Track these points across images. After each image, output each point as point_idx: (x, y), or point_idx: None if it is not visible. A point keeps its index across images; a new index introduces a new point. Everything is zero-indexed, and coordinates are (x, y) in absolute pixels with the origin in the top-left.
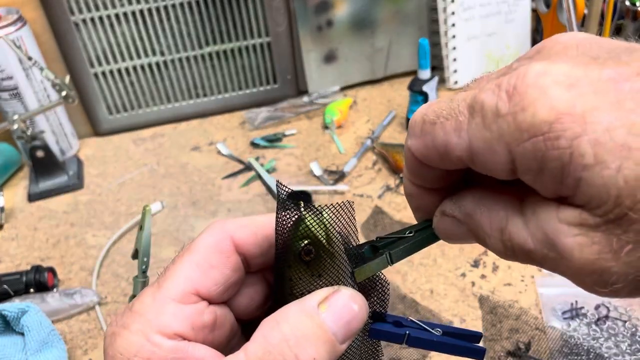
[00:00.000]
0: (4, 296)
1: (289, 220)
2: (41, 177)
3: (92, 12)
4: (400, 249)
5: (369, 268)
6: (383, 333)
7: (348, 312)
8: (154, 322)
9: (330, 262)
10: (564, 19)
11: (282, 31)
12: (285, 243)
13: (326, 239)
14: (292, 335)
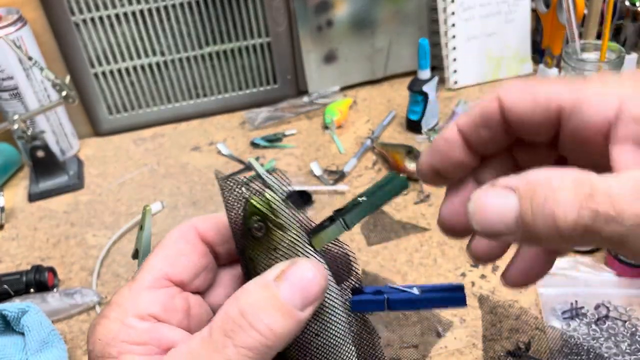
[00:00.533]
0: (4, 296)
1: (236, 204)
2: (41, 177)
3: (93, 12)
4: (353, 213)
5: (325, 235)
6: (363, 303)
7: (303, 279)
8: (130, 308)
9: (281, 234)
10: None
11: (282, 31)
12: (239, 227)
13: (272, 212)
14: (248, 306)
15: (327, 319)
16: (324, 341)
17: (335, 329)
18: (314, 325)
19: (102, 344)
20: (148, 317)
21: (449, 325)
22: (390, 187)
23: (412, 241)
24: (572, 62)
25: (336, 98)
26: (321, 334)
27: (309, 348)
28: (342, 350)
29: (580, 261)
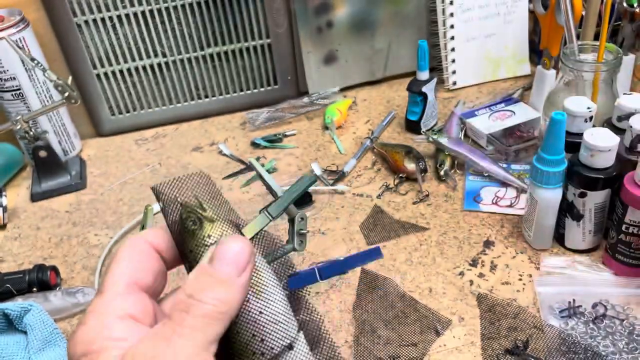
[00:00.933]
0: (7, 295)
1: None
2: (44, 177)
3: (95, 14)
4: (274, 204)
5: (253, 225)
6: (298, 279)
7: (230, 250)
8: (107, 312)
9: (212, 224)
10: (561, 20)
11: (283, 32)
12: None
13: (201, 208)
14: (193, 290)
15: (267, 297)
16: (268, 317)
17: (276, 306)
18: (256, 304)
19: (84, 343)
20: (126, 316)
21: (447, 324)
22: (301, 184)
23: (411, 240)
24: (570, 63)
25: (336, 99)
26: (264, 311)
27: (256, 325)
28: (287, 326)
29: (578, 260)
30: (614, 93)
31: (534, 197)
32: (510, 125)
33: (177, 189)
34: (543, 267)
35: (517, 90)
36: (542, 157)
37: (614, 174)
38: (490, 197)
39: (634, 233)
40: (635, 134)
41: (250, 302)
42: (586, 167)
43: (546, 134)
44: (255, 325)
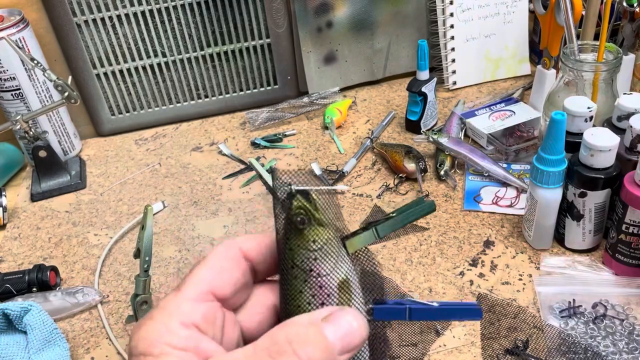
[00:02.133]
0: (7, 295)
1: (286, 200)
2: (43, 177)
3: (95, 14)
4: (386, 224)
5: (358, 239)
6: (386, 310)
7: (348, 326)
8: (175, 314)
9: (321, 230)
10: (561, 20)
11: (282, 32)
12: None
13: (315, 208)
14: (295, 336)
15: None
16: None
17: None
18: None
19: (146, 342)
20: (191, 325)
21: (447, 324)
22: (419, 209)
23: (411, 240)
24: (569, 63)
25: (336, 98)
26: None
27: None
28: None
29: (578, 260)
30: (614, 93)
31: (534, 197)
32: (510, 125)
33: (296, 180)
34: (543, 267)
35: (517, 90)
36: (542, 157)
37: (614, 173)
38: (490, 197)
39: (634, 233)
40: (635, 134)
41: None
42: (586, 167)
43: (546, 134)
44: None
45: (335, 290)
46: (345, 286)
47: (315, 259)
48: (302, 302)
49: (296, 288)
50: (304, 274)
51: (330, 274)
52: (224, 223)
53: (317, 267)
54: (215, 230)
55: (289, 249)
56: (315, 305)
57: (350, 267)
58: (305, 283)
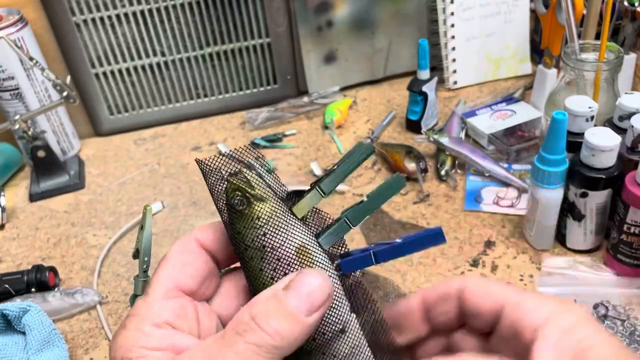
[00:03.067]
0: (6, 295)
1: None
2: (42, 177)
3: (93, 13)
4: (328, 178)
5: (305, 202)
6: (352, 262)
7: (307, 286)
8: (146, 317)
9: (262, 205)
10: (562, 19)
11: (282, 32)
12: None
13: (249, 186)
14: (258, 312)
15: None
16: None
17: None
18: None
19: (123, 349)
20: (163, 324)
21: None
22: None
23: None
24: (571, 62)
25: (336, 98)
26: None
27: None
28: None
29: (580, 261)
30: (616, 92)
31: (535, 197)
32: (511, 124)
33: (223, 164)
34: (544, 268)
35: (518, 89)
36: (543, 157)
37: (616, 173)
38: (491, 197)
39: (636, 233)
40: (636, 134)
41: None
42: (587, 167)
43: (547, 134)
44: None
45: (295, 258)
46: (303, 251)
47: (265, 234)
48: (265, 279)
49: (256, 267)
50: (258, 252)
51: (284, 244)
52: None
53: (270, 242)
54: None
55: (237, 233)
56: (279, 279)
57: (304, 232)
58: (263, 260)
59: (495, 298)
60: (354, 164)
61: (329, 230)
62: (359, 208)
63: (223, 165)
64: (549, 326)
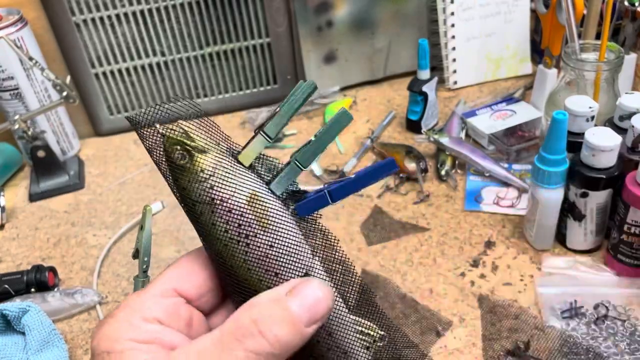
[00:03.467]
0: (5, 296)
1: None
2: (42, 177)
3: (93, 13)
4: (272, 121)
5: (251, 149)
6: (308, 204)
7: (312, 297)
8: (137, 310)
9: (205, 156)
10: (563, 19)
11: (282, 32)
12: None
13: (188, 138)
14: (260, 316)
15: (276, 228)
16: (279, 250)
17: (286, 237)
18: (265, 238)
19: (109, 340)
20: (153, 320)
21: (448, 325)
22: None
23: (412, 241)
24: (571, 62)
25: (336, 98)
26: (275, 244)
27: (268, 260)
28: (300, 256)
29: (580, 261)
30: (616, 92)
31: (536, 197)
32: (511, 124)
33: (156, 117)
34: (544, 268)
35: (518, 89)
36: (544, 157)
37: (616, 173)
38: (491, 197)
39: (636, 233)
40: (637, 134)
41: (259, 237)
42: (588, 167)
43: (547, 134)
44: (267, 260)
45: (247, 208)
46: (255, 199)
47: (212, 187)
48: (218, 233)
49: (207, 223)
50: (207, 206)
51: (234, 195)
52: None
53: (218, 194)
54: None
55: (183, 189)
56: (233, 231)
57: (253, 180)
58: (214, 214)
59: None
60: (297, 102)
61: (279, 175)
62: (307, 148)
63: (156, 117)
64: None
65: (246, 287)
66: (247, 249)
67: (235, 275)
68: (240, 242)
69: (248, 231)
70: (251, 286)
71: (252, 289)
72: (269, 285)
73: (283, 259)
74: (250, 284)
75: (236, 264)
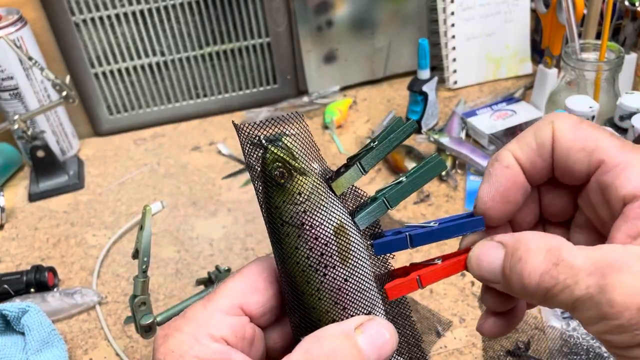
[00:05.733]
0: (5, 296)
1: (255, 152)
2: (42, 177)
3: (93, 13)
4: (369, 155)
5: (345, 179)
6: (386, 244)
7: (380, 337)
8: (203, 326)
9: (304, 179)
10: (563, 19)
11: (282, 31)
12: (263, 184)
13: (292, 158)
14: (332, 351)
15: (354, 264)
16: (353, 286)
17: (362, 274)
18: (342, 271)
19: (175, 356)
20: (220, 339)
21: (448, 325)
22: (400, 131)
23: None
24: (571, 62)
25: (336, 98)
26: (350, 279)
27: (340, 293)
28: (370, 295)
29: None
30: (616, 92)
31: None
32: (511, 124)
33: (262, 129)
34: None
35: (518, 89)
36: None
37: None
38: None
39: None
40: (637, 133)
41: (337, 269)
42: None
43: None
44: (339, 293)
45: (333, 238)
46: (341, 231)
47: (305, 211)
48: (300, 257)
49: (291, 245)
50: (296, 229)
51: (324, 223)
52: (223, 223)
53: (309, 220)
54: (214, 230)
55: (275, 207)
56: (314, 259)
57: (342, 210)
58: (300, 238)
59: (592, 153)
60: (396, 141)
61: (366, 210)
62: (397, 189)
63: (260, 129)
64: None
65: (311, 315)
66: (324, 279)
67: (304, 302)
68: (319, 271)
69: (328, 261)
70: (316, 315)
71: (316, 318)
72: (334, 317)
73: (354, 295)
74: (316, 313)
75: (308, 291)
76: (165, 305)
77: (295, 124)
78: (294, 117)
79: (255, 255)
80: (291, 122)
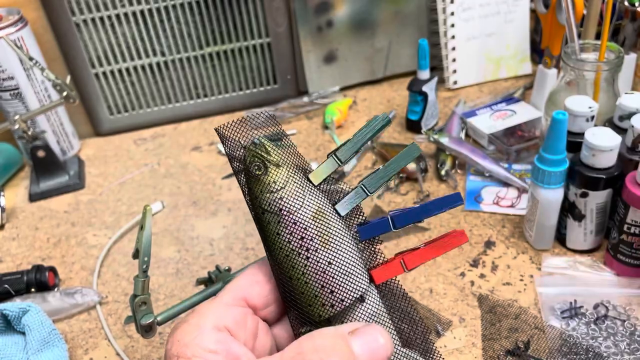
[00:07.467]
0: (5, 296)
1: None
2: (42, 177)
3: (93, 13)
4: (345, 147)
5: (321, 169)
6: (370, 228)
7: (374, 342)
8: (208, 317)
9: (279, 170)
10: (562, 19)
11: (282, 32)
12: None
13: (266, 152)
14: (322, 346)
15: (337, 247)
16: (338, 268)
17: (346, 256)
18: (324, 254)
19: (180, 344)
20: (223, 328)
21: (448, 325)
22: (374, 125)
23: (412, 241)
24: (571, 62)
25: (336, 98)
26: (333, 262)
27: (325, 276)
28: (358, 278)
29: (580, 261)
30: (616, 92)
31: (535, 197)
32: (511, 124)
33: (240, 131)
34: (544, 268)
35: (518, 89)
36: (544, 157)
37: (616, 173)
38: (491, 197)
39: (636, 233)
40: (637, 134)
41: (319, 252)
42: (588, 167)
43: (547, 134)
44: (324, 276)
45: (311, 222)
46: (320, 216)
47: (281, 198)
48: (282, 243)
49: (273, 232)
50: (275, 216)
51: (301, 208)
52: (223, 223)
53: (286, 205)
54: (214, 230)
55: (255, 198)
56: (295, 243)
57: (320, 198)
58: (279, 224)
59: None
60: (369, 133)
61: (345, 197)
62: (374, 175)
63: (242, 134)
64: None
65: (302, 301)
66: (307, 262)
67: (293, 287)
68: (301, 255)
69: (309, 245)
70: (306, 300)
71: (307, 303)
72: (323, 302)
73: (340, 278)
74: (306, 298)
75: (295, 276)
76: (165, 305)
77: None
78: (268, 117)
79: (256, 255)
80: (267, 123)
